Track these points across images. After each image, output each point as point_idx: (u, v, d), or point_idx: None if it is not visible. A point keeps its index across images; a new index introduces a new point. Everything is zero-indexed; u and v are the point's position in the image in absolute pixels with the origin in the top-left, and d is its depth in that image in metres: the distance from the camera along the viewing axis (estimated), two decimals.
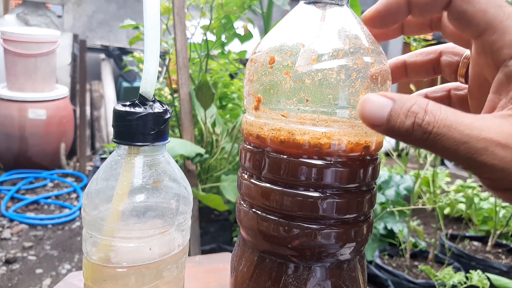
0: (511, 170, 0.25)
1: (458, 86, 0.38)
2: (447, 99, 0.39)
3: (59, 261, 2.05)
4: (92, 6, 3.97)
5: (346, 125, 0.32)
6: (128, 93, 3.71)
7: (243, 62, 1.99)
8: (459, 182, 2.60)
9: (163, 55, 1.78)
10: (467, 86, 0.36)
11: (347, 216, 0.33)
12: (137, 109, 0.33)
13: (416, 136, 0.25)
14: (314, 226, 0.33)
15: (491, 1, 0.28)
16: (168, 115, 0.34)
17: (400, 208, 1.61)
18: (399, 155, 2.00)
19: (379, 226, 1.89)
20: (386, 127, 0.26)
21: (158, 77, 0.73)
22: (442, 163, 3.84)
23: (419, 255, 1.77)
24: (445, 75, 0.38)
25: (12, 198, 2.63)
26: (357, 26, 0.33)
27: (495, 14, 0.27)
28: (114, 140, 0.34)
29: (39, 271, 1.96)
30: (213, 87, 1.44)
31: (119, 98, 3.69)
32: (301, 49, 0.31)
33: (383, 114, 0.26)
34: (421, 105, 0.25)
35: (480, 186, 2.85)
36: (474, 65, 0.32)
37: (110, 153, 0.99)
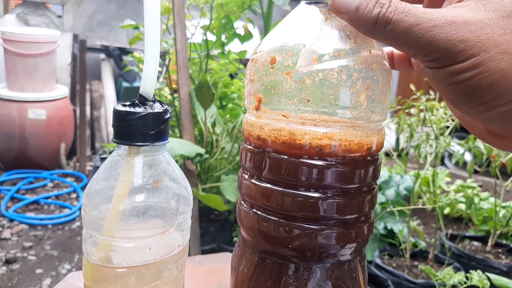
0: (455, 42, 0.27)
1: None
2: None
3: (59, 261, 2.05)
4: (92, 6, 3.97)
5: (347, 126, 0.32)
6: (128, 93, 3.71)
7: (243, 62, 1.99)
8: (459, 182, 2.60)
9: (163, 55, 1.78)
10: None
11: (348, 216, 0.33)
12: (137, 109, 0.33)
13: (379, 25, 0.28)
14: (314, 227, 0.32)
15: None
16: (168, 115, 0.34)
17: (400, 208, 1.61)
18: (399, 155, 1.99)
19: (379, 226, 1.89)
20: (354, 15, 0.28)
21: (158, 77, 0.73)
22: (442, 163, 3.84)
23: (419, 255, 1.77)
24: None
25: (12, 198, 2.62)
26: None
27: None
28: (114, 140, 0.34)
29: (39, 271, 1.96)
30: (213, 87, 1.44)
31: (119, 98, 3.69)
32: (302, 49, 0.31)
33: (352, 2, 0.28)
34: None
35: (480, 186, 2.85)
36: None
37: (110, 153, 0.99)
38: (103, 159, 2.44)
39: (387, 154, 2.10)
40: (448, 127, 1.60)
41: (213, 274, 0.65)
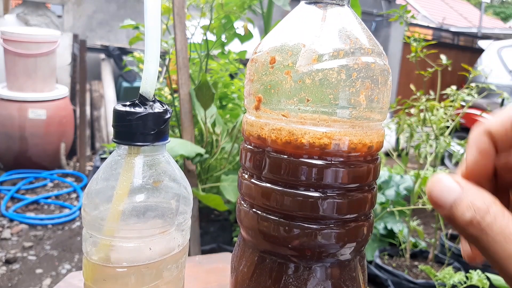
0: None
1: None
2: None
3: (59, 261, 2.05)
4: (92, 6, 3.97)
5: (347, 125, 0.32)
6: (128, 93, 3.71)
7: (243, 62, 1.99)
8: None
9: (163, 55, 1.78)
10: None
11: (348, 216, 0.33)
12: (137, 109, 0.33)
13: (471, 231, 0.25)
14: (314, 226, 0.33)
15: None
16: (168, 115, 0.34)
17: (400, 208, 1.61)
18: (399, 155, 2.00)
19: (379, 226, 1.89)
20: (449, 212, 0.26)
21: (158, 77, 0.73)
22: (442, 163, 3.84)
23: (419, 255, 1.77)
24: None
25: (12, 198, 2.62)
26: (358, 26, 0.33)
27: None
28: (114, 140, 0.34)
29: (39, 271, 1.96)
30: (213, 87, 1.44)
31: (119, 98, 3.70)
32: (302, 49, 0.31)
33: (449, 199, 0.26)
34: (486, 202, 0.25)
35: None
36: None
37: (110, 153, 0.99)
38: (103, 159, 2.44)
39: (387, 154, 2.10)
40: (448, 127, 1.60)
41: (213, 274, 0.65)
